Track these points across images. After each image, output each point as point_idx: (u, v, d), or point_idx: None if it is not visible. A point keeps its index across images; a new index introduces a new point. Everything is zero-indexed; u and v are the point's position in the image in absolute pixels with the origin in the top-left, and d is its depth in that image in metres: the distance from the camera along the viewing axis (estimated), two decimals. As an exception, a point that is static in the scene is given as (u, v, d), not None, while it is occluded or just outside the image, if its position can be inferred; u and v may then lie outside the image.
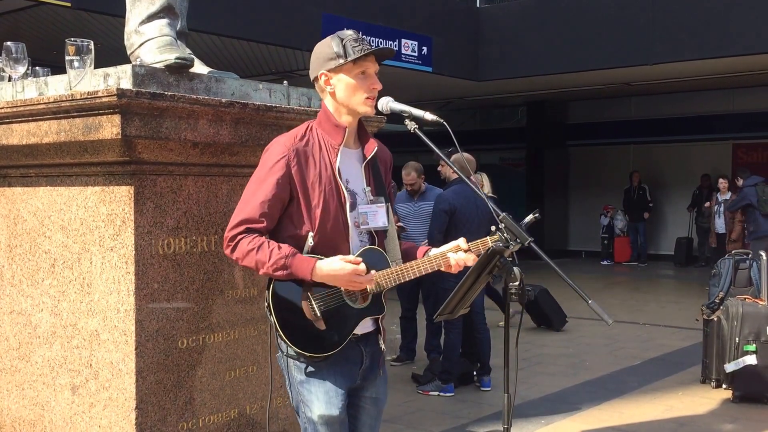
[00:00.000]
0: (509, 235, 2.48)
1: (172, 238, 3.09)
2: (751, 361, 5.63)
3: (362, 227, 2.57)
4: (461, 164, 5.28)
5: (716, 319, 6.00)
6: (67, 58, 3.01)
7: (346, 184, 2.55)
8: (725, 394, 5.88)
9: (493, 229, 2.54)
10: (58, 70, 3.32)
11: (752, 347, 5.64)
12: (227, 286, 3.30)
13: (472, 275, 2.57)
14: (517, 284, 2.52)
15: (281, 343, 2.53)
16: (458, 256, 2.54)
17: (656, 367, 6.97)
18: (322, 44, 2.56)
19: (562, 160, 17.72)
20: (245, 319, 3.36)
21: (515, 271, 2.51)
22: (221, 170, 3.25)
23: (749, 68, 12.67)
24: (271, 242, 2.45)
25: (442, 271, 2.59)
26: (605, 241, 16.58)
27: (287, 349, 2.52)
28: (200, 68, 3.35)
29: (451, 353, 6.18)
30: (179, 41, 3.34)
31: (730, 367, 5.74)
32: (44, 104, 3.00)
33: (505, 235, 2.49)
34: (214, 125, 3.09)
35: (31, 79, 3.45)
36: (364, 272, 2.45)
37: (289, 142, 2.51)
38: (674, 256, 15.78)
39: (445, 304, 2.70)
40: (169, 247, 3.08)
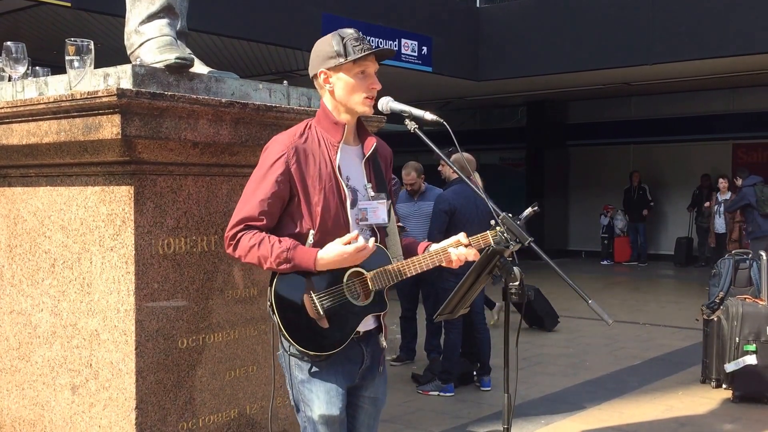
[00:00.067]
0: (509, 235, 2.48)
1: (172, 238, 3.09)
2: (751, 361, 5.63)
3: (361, 223, 2.57)
4: (461, 164, 5.28)
5: (716, 319, 6.00)
6: (67, 58, 3.01)
7: (346, 181, 2.54)
8: (725, 394, 5.88)
9: (492, 223, 2.54)
10: (58, 70, 3.32)
11: (752, 347, 5.64)
12: (227, 285, 3.30)
13: (472, 275, 2.58)
14: (517, 284, 2.52)
15: (284, 341, 2.53)
16: (459, 250, 2.54)
17: (656, 367, 6.97)
18: (322, 42, 2.55)
19: (562, 160, 17.70)
20: (245, 318, 3.36)
21: (515, 271, 2.51)
22: (221, 170, 3.25)
23: (749, 68, 12.67)
24: (271, 237, 2.45)
25: (443, 266, 2.59)
26: (605, 241, 16.57)
27: (290, 347, 2.53)
28: (200, 68, 3.35)
29: (451, 353, 6.18)
30: (179, 41, 3.34)
31: (730, 367, 5.74)
32: (44, 104, 3.00)
33: (504, 227, 2.49)
34: (214, 125, 3.09)
35: (31, 79, 3.45)
36: (365, 246, 2.44)
37: (288, 140, 2.51)
38: (674, 256, 15.77)
39: (445, 303, 2.70)
40: (169, 247, 3.08)
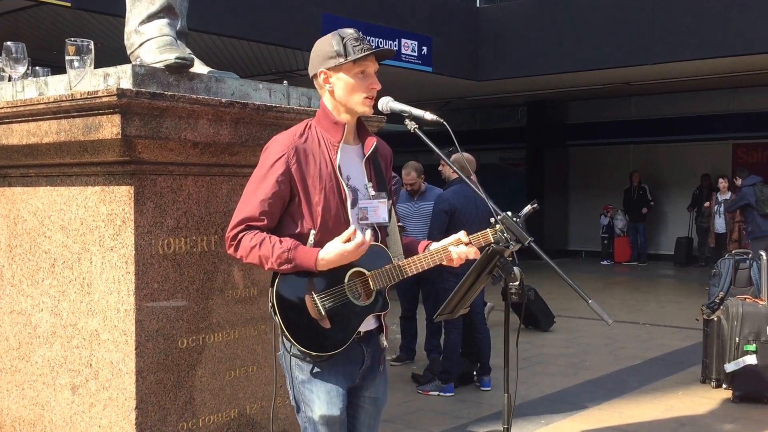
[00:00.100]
0: (509, 234, 2.48)
1: (172, 237, 3.09)
2: (751, 360, 5.63)
3: (362, 222, 2.57)
4: (461, 164, 5.28)
5: (716, 319, 6.00)
6: (67, 58, 3.01)
7: (347, 180, 2.54)
8: (725, 394, 5.88)
9: (492, 221, 2.54)
10: (58, 70, 3.32)
11: (752, 347, 5.64)
12: (227, 285, 3.30)
13: (472, 275, 2.58)
14: (517, 284, 2.52)
15: (285, 342, 2.53)
16: (459, 249, 2.54)
17: (656, 367, 6.96)
18: (322, 41, 2.55)
19: (562, 160, 17.71)
20: (245, 318, 3.36)
21: (515, 271, 2.51)
22: (221, 170, 3.25)
23: (749, 68, 12.67)
24: (272, 237, 2.45)
25: (443, 266, 2.59)
26: (605, 241, 16.57)
27: (291, 348, 2.52)
28: (200, 68, 3.35)
29: (451, 353, 6.18)
30: (179, 41, 3.34)
31: (730, 367, 5.74)
32: (44, 104, 3.00)
33: (503, 226, 2.49)
34: (214, 125, 3.09)
35: (31, 79, 3.45)
36: (364, 241, 2.44)
37: (288, 140, 2.50)
38: (674, 256, 15.77)
39: (445, 303, 2.70)
40: (169, 246, 3.08)
